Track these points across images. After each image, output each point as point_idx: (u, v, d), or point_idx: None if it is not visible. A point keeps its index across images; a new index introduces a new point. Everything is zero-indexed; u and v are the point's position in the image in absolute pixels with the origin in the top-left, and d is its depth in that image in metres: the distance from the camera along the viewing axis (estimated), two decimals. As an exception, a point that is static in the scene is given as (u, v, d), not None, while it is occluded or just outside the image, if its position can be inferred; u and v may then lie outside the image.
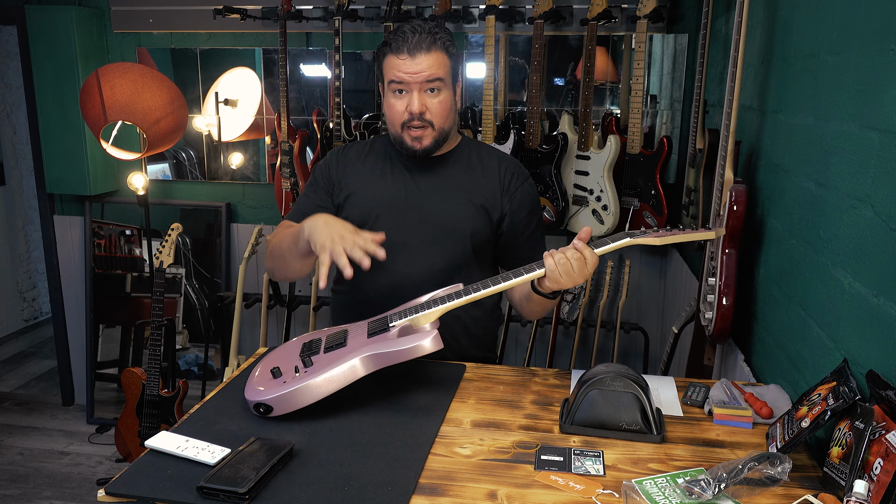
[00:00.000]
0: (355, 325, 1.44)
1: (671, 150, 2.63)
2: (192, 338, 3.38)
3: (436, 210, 1.60)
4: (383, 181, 1.64)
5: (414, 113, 1.51)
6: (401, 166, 1.64)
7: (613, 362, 1.51)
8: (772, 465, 1.05)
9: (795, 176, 1.48)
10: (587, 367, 1.41)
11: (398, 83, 1.50)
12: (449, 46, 1.53)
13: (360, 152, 1.70)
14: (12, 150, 4.63)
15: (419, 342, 1.26)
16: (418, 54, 1.48)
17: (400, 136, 1.56)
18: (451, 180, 1.62)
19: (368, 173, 1.65)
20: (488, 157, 1.68)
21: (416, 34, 1.49)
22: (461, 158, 1.65)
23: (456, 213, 1.60)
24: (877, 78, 1.13)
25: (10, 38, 4.42)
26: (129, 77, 2.72)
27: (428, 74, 1.49)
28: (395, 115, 1.54)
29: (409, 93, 1.51)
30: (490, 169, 1.65)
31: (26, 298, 4.78)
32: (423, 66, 1.49)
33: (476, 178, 1.63)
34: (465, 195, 1.61)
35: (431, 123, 1.53)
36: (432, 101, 1.52)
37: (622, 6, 2.75)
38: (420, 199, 1.61)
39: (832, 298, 1.26)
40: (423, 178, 1.62)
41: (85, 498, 2.83)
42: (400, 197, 1.61)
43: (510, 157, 1.72)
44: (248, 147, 3.27)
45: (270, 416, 1.27)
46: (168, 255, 2.77)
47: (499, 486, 1.08)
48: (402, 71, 1.49)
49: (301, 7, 2.93)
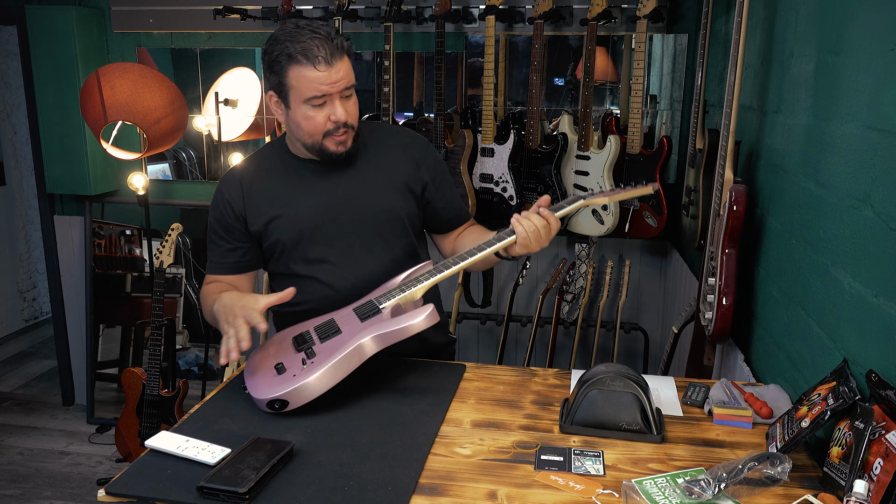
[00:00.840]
0: (339, 313, 1.45)
1: (671, 150, 2.63)
2: (192, 338, 3.38)
3: (366, 203, 1.57)
4: (303, 193, 1.57)
5: (339, 121, 1.47)
6: (311, 173, 1.58)
7: (613, 362, 1.51)
8: (772, 465, 1.05)
9: (795, 176, 1.48)
10: (587, 367, 1.41)
11: (318, 97, 1.44)
12: (350, 49, 1.49)
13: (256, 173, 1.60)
14: (12, 150, 4.63)
15: (420, 317, 1.32)
16: (336, 62, 1.43)
17: (319, 145, 1.50)
18: (367, 170, 1.59)
19: (283, 190, 1.57)
20: (388, 135, 1.67)
21: (325, 43, 1.42)
22: (364, 145, 1.61)
23: (387, 200, 1.59)
24: (877, 78, 1.13)
25: (10, 38, 4.42)
26: (129, 77, 2.72)
27: (346, 82, 1.46)
28: (315, 127, 1.47)
29: (329, 103, 1.46)
30: (398, 147, 1.64)
31: (26, 298, 4.78)
32: (340, 74, 1.44)
33: (389, 160, 1.62)
34: (387, 179, 1.60)
35: (352, 126, 1.51)
36: (350, 105, 1.49)
37: (622, 6, 2.75)
38: (347, 198, 1.57)
39: (832, 298, 1.26)
40: (340, 176, 1.58)
41: (85, 498, 2.83)
42: (327, 204, 1.56)
43: (408, 130, 1.72)
44: (248, 147, 3.27)
45: (286, 410, 1.28)
46: (168, 255, 2.77)
47: (499, 486, 1.08)
48: (322, 83, 1.42)
49: (301, 7, 2.93)
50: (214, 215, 1.60)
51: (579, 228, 2.77)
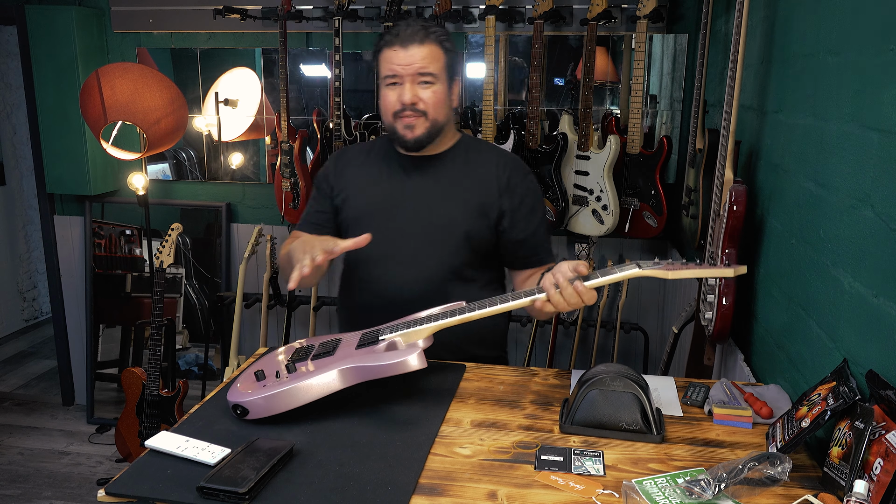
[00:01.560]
0: (350, 335, 1.42)
1: (671, 150, 2.63)
2: (192, 338, 3.38)
3: (428, 211, 1.58)
4: (378, 183, 1.63)
5: (406, 103, 1.51)
6: (397, 167, 1.63)
7: (613, 362, 1.51)
8: (772, 465, 1.05)
9: (795, 176, 1.48)
10: (587, 367, 1.41)
11: (392, 77, 1.51)
12: (444, 41, 1.53)
13: (359, 154, 1.70)
14: (12, 150, 4.63)
15: (403, 358, 1.22)
16: (410, 46, 1.49)
17: (392, 126, 1.55)
18: (445, 180, 1.61)
19: (365, 175, 1.65)
20: (486, 153, 1.66)
21: (408, 28, 1.51)
22: (458, 157, 1.63)
23: (450, 213, 1.58)
24: (877, 78, 1.13)
25: (10, 38, 4.42)
26: (129, 77, 2.72)
27: (420, 66, 1.50)
28: (387, 106, 1.54)
29: (401, 84, 1.51)
30: (487, 166, 1.62)
31: (26, 298, 4.78)
32: (415, 57, 1.49)
33: (472, 177, 1.61)
34: (461, 195, 1.59)
35: (425, 113, 1.53)
36: (425, 91, 1.52)
37: (622, 6, 2.75)
38: (413, 200, 1.60)
39: (832, 298, 1.26)
40: (418, 178, 1.61)
41: (85, 498, 2.83)
42: (393, 198, 1.60)
43: (509, 154, 1.70)
44: (248, 147, 3.27)
45: (247, 419, 1.25)
46: (168, 255, 2.77)
47: (499, 486, 1.08)
48: (394, 63, 1.50)
49: (301, 7, 2.93)
50: (319, 172, 1.73)
51: (579, 228, 2.77)
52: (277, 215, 3.22)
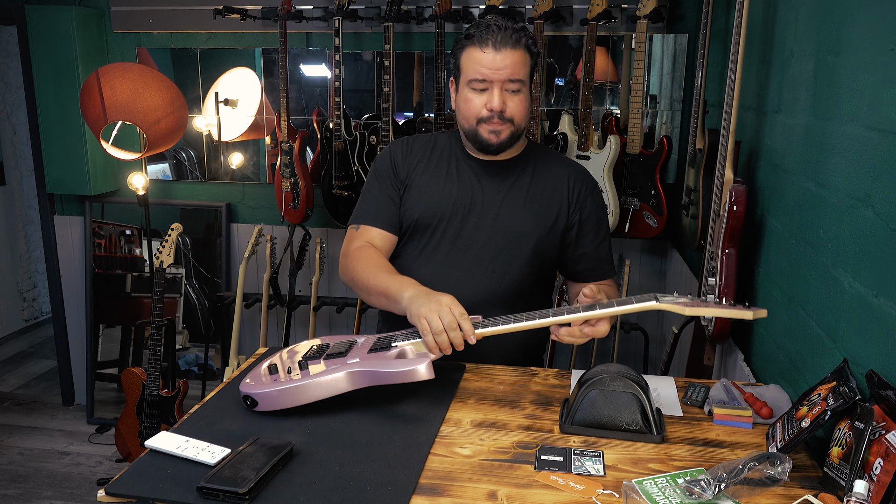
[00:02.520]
0: (365, 338, 1.42)
1: (671, 150, 2.63)
2: (192, 338, 3.38)
3: (502, 218, 1.55)
4: (449, 182, 1.57)
5: (494, 110, 1.46)
6: (466, 168, 1.58)
7: (613, 362, 1.50)
8: (772, 465, 1.05)
9: (795, 176, 1.48)
10: (587, 367, 1.41)
11: (480, 80, 1.45)
12: (532, 46, 1.48)
13: (425, 148, 1.63)
14: (12, 150, 4.63)
15: (412, 367, 1.23)
16: (504, 49, 1.43)
17: (475, 131, 1.50)
18: (519, 187, 1.57)
19: (434, 171, 1.59)
20: (557, 164, 1.62)
21: (501, 30, 1.43)
22: (528, 165, 1.59)
23: (522, 222, 1.55)
24: (877, 78, 1.13)
25: (10, 38, 4.42)
26: (129, 77, 2.72)
27: (510, 73, 1.44)
28: (471, 110, 1.48)
29: (489, 90, 1.46)
30: (559, 178, 1.59)
31: (26, 298, 4.78)
32: (507, 62, 1.43)
33: (545, 187, 1.57)
34: (534, 204, 1.56)
35: (511, 120, 1.49)
36: (512, 99, 1.47)
37: (622, 6, 2.75)
38: (487, 205, 1.55)
39: (832, 298, 1.26)
40: (490, 182, 1.57)
41: (85, 498, 2.83)
42: (466, 200, 1.56)
43: (578, 165, 1.66)
44: (248, 147, 3.27)
45: (256, 409, 1.28)
46: (168, 255, 2.77)
47: (499, 487, 1.08)
48: (484, 66, 1.43)
49: (301, 7, 2.93)
50: (381, 159, 1.63)
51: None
52: (277, 215, 3.22)
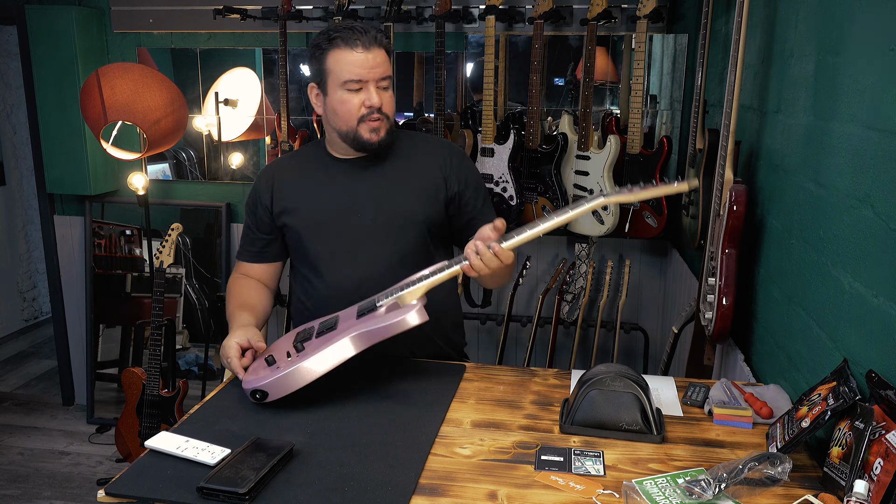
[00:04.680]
0: (346, 311, 1.47)
1: (671, 150, 2.63)
2: (192, 338, 3.38)
3: (384, 205, 1.59)
4: (321, 190, 1.62)
5: (374, 106, 1.50)
6: (339, 170, 1.62)
7: (613, 362, 1.51)
8: (772, 465, 1.05)
9: (795, 176, 1.48)
10: (587, 367, 1.41)
11: (355, 80, 1.49)
12: (388, 46, 1.54)
13: (290, 166, 1.68)
14: (12, 150, 4.63)
15: (404, 315, 1.28)
16: (373, 48, 1.48)
17: (354, 131, 1.54)
18: (393, 173, 1.62)
19: (306, 184, 1.64)
20: (423, 142, 1.68)
21: (366, 31, 1.49)
22: (397, 150, 1.64)
23: (405, 203, 1.60)
24: (877, 78, 1.13)
25: (10, 38, 4.42)
26: (129, 77, 2.72)
27: (382, 71, 1.50)
28: (350, 111, 1.52)
29: (364, 89, 1.50)
30: (428, 154, 1.65)
31: (26, 298, 4.78)
32: (378, 60, 1.49)
33: (417, 165, 1.63)
34: (411, 184, 1.61)
35: (387, 115, 1.54)
36: (384, 95, 1.53)
37: (622, 6, 2.75)
38: (367, 198, 1.60)
39: (832, 298, 1.26)
40: (365, 176, 1.61)
41: (85, 498, 2.83)
42: (343, 202, 1.60)
43: (444, 140, 1.73)
44: (248, 147, 3.27)
45: (267, 401, 1.29)
46: (168, 255, 2.77)
47: (499, 487, 1.08)
48: (359, 66, 1.48)
49: (301, 7, 2.93)
50: (248, 203, 1.70)
51: (579, 228, 2.77)
52: (277, 215, 3.22)
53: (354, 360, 1.32)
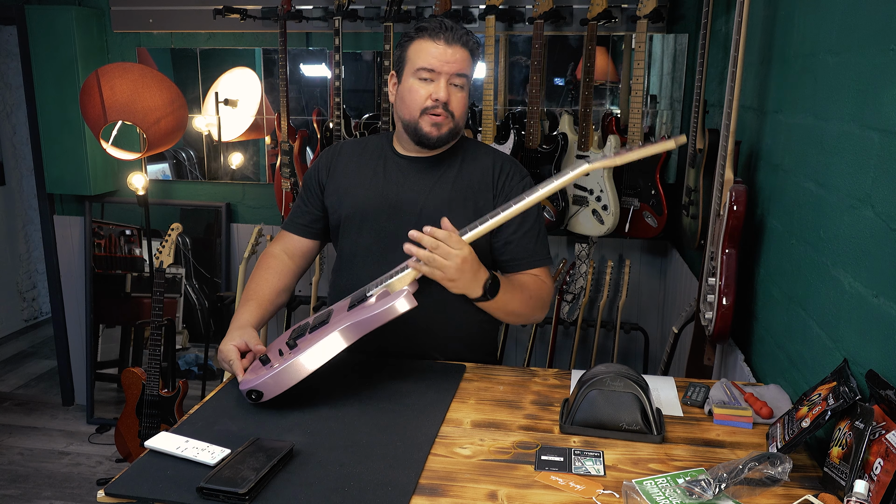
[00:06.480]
0: (339, 303, 1.47)
1: (671, 150, 2.63)
2: (192, 338, 3.38)
3: (427, 212, 1.57)
4: (375, 181, 1.61)
5: (439, 100, 1.49)
6: (394, 166, 1.62)
7: (613, 362, 1.50)
8: (772, 465, 1.05)
9: (795, 176, 1.48)
10: (587, 367, 1.41)
11: (428, 70, 1.49)
12: (475, 49, 1.54)
13: (355, 150, 1.68)
14: (12, 150, 4.63)
15: (392, 302, 1.28)
16: (455, 45, 1.49)
17: (416, 122, 1.52)
18: (445, 182, 1.60)
19: (361, 172, 1.64)
20: (483, 155, 1.65)
21: (453, 28, 1.51)
22: (457, 158, 1.62)
23: (444, 212, 1.55)
24: (877, 78, 1.13)
25: (10, 38, 4.42)
26: (129, 77, 2.72)
27: (459, 67, 1.50)
28: (416, 100, 1.51)
29: (436, 81, 1.50)
30: (485, 168, 1.62)
31: (26, 298, 4.78)
32: (457, 56, 1.49)
33: (471, 179, 1.61)
34: (460, 195, 1.59)
35: (452, 114, 1.52)
36: (456, 94, 1.52)
37: (622, 6, 2.75)
38: (410, 199, 1.59)
39: (832, 298, 1.26)
40: (417, 178, 1.60)
41: (85, 498, 2.83)
42: (390, 198, 1.59)
43: (506, 156, 1.68)
44: (248, 147, 3.27)
45: (263, 401, 1.29)
46: (168, 255, 2.77)
47: (499, 487, 1.08)
48: (435, 57, 1.48)
49: (301, 7, 2.93)
50: (310, 169, 1.71)
51: (579, 228, 2.77)
52: (277, 215, 3.22)
53: (354, 361, 1.32)
